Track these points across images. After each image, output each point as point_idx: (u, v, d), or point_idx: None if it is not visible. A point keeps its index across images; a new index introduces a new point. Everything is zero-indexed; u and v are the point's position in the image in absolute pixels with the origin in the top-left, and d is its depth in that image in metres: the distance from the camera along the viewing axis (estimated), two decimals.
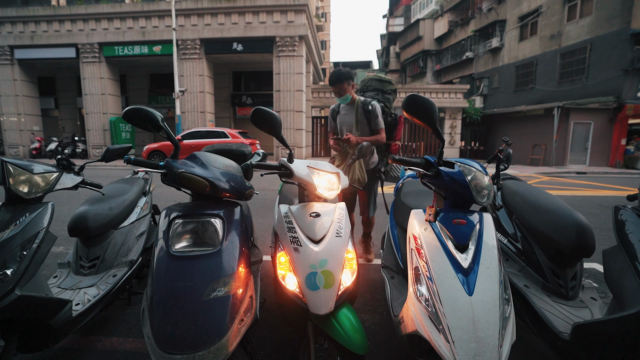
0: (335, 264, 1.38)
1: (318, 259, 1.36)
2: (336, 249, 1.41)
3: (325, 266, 1.35)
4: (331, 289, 1.34)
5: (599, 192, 7.70)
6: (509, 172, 3.41)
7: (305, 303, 1.33)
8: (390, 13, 35.66)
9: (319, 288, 1.32)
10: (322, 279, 1.33)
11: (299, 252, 1.38)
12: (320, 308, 1.31)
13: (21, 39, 14.98)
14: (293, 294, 1.36)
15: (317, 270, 1.34)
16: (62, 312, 1.48)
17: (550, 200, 1.90)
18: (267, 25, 13.73)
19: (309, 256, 1.37)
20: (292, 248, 1.40)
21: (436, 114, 1.35)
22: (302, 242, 1.41)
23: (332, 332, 1.32)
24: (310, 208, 1.54)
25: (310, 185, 1.60)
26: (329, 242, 1.42)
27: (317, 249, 1.39)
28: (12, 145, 15.99)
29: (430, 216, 1.42)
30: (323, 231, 1.45)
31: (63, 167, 1.77)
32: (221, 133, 11.70)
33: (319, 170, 1.62)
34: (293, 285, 1.37)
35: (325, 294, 1.32)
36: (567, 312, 1.60)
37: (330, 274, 1.35)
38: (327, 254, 1.38)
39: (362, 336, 1.32)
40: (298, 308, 1.38)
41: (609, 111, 13.69)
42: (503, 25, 18.87)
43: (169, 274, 1.21)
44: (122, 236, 2.24)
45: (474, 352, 1.08)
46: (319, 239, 1.43)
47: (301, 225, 1.47)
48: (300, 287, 1.34)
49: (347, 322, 1.33)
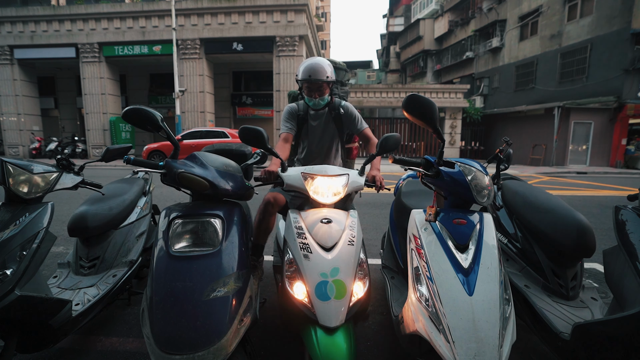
0: (347, 274, 1.30)
1: (329, 268, 1.29)
2: (348, 257, 1.34)
3: (337, 275, 1.28)
4: (343, 299, 1.26)
5: (600, 192, 7.69)
6: (509, 172, 3.41)
7: (314, 314, 1.24)
8: (390, 13, 35.65)
9: (329, 298, 1.25)
10: (333, 288, 1.26)
11: (309, 260, 1.31)
12: (330, 320, 1.23)
13: (21, 38, 14.97)
14: (301, 304, 1.27)
15: (328, 279, 1.27)
16: (62, 312, 1.48)
17: (550, 200, 1.90)
18: (267, 25, 13.73)
19: (319, 264, 1.30)
20: (301, 255, 1.33)
21: (436, 113, 1.35)
22: (312, 249, 1.33)
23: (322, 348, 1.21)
24: (321, 214, 1.46)
25: (305, 192, 1.56)
26: (340, 250, 1.34)
27: (329, 256, 1.32)
28: (12, 145, 16.00)
29: (430, 216, 1.42)
30: (335, 239, 1.37)
31: (63, 167, 1.77)
32: (221, 133, 11.70)
33: (315, 174, 1.55)
34: (302, 294, 1.28)
35: (337, 305, 1.25)
36: (567, 312, 1.60)
37: (342, 284, 1.28)
38: (339, 262, 1.31)
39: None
40: (304, 319, 1.28)
41: (609, 111, 13.68)
42: (503, 25, 18.86)
43: (168, 274, 1.21)
44: (122, 236, 2.24)
45: (474, 352, 1.08)
46: (330, 246, 1.35)
47: (312, 231, 1.39)
48: (310, 297, 1.26)
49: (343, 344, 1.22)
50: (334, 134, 2.19)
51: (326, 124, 2.16)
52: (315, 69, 1.93)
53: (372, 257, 3.33)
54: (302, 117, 2.13)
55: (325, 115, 2.15)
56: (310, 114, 2.15)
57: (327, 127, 2.17)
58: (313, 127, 2.16)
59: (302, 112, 2.13)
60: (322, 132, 2.17)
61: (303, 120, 2.14)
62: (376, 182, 1.73)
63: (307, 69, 1.94)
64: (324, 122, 2.16)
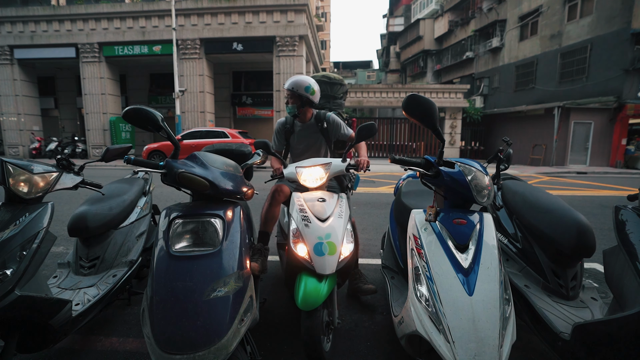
0: (337, 238, 1.71)
1: (324, 233, 1.70)
2: (338, 226, 1.75)
3: (330, 238, 1.69)
4: (334, 256, 1.67)
5: (600, 192, 7.70)
6: (509, 172, 3.41)
7: (313, 265, 1.65)
8: (390, 13, 35.65)
9: (324, 254, 1.66)
10: (327, 247, 1.67)
11: (309, 227, 1.71)
12: (325, 269, 1.65)
13: (21, 38, 14.97)
14: (303, 259, 1.68)
15: (323, 241, 1.68)
16: (62, 312, 1.48)
17: (550, 200, 1.90)
18: (267, 25, 13.73)
19: (317, 230, 1.70)
20: (303, 224, 1.73)
21: (436, 114, 1.35)
22: (311, 220, 1.74)
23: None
24: (317, 194, 1.91)
25: (297, 181, 2.08)
26: (332, 220, 1.77)
27: (324, 225, 1.73)
28: (12, 145, 15.99)
29: (430, 216, 1.42)
30: (328, 213, 1.79)
31: (63, 167, 1.77)
32: (221, 133, 11.70)
33: (305, 167, 2.06)
34: (304, 252, 1.69)
35: (329, 259, 1.66)
36: (567, 312, 1.60)
37: (334, 245, 1.68)
38: (331, 229, 1.72)
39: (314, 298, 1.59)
40: (304, 270, 1.70)
41: (609, 111, 13.68)
42: (503, 25, 18.87)
43: (169, 274, 1.21)
44: (122, 236, 2.24)
45: (474, 352, 1.08)
46: (324, 218, 1.76)
47: (311, 207, 1.81)
48: (310, 254, 1.67)
49: (325, 289, 1.64)
50: (320, 141, 2.52)
51: (313, 134, 2.50)
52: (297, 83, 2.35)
53: (372, 257, 3.33)
54: (289, 129, 2.53)
55: (312, 126, 2.48)
56: (296, 124, 2.52)
57: (314, 137, 2.50)
58: (300, 136, 2.52)
59: (289, 125, 2.52)
60: (308, 141, 2.51)
61: (290, 132, 2.53)
62: (359, 164, 2.09)
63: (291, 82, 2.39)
64: (311, 132, 2.50)
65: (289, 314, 2.26)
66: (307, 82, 2.33)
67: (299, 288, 1.64)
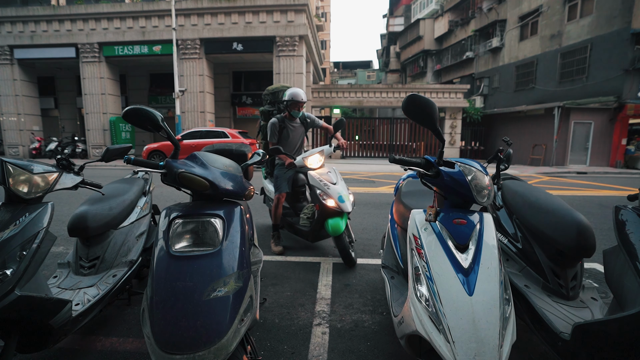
0: (346, 192, 2.96)
1: (340, 190, 2.93)
2: (343, 186, 3.02)
3: (344, 192, 2.94)
4: (348, 201, 2.90)
5: (600, 192, 7.70)
6: (509, 172, 3.42)
7: (340, 208, 2.86)
8: (390, 13, 35.63)
9: (345, 202, 2.88)
10: (344, 197, 2.90)
11: (330, 189, 2.91)
12: (348, 208, 2.88)
13: (21, 38, 14.96)
14: (333, 207, 2.87)
15: (341, 194, 2.90)
16: (62, 312, 1.48)
17: (550, 200, 1.90)
18: (267, 25, 13.72)
19: (335, 190, 2.91)
20: (325, 188, 2.92)
21: (436, 114, 1.35)
22: (330, 184, 2.94)
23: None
24: (325, 169, 3.13)
25: (305, 166, 3.16)
26: (339, 183, 3.01)
27: (338, 187, 2.96)
28: (11, 145, 15.98)
29: (430, 216, 1.42)
30: (335, 179, 3.03)
31: (63, 167, 1.77)
32: (221, 133, 11.69)
33: (308, 156, 3.14)
34: (332, 203, 2.88)
35: (348, 204, 2.89)
36: (567, 312, 1.60)
37: (347, 195, 2.93)
38: (342, 188, 2.98)
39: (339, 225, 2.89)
40: (334, 213, 2.91)
41: (609, 111, 13.68)
42: (503, 25, 18.86)
43: (169, 274, 1.21)
44: (122, 236, 2.24)
45: (474, 352, 1.08)
46: (335, 182, 2.98)
47: (326, 178, 2.99)
48: (337, 203, 2.86)
49: (343, 223, 2.94)
50: (303, 132, 3.58)
51: (299, 127, 3.52)
52: (297, 94, 3.27)
53: (372, 257, 3.33)
54: (282, 126, 3.38)
55: (299, 122, 3.51)
56: (287, 122, 3.40)
57: (300, 129, 3.53)
58: (293, 131, 3.45)
59: (281, 123, 3.37)
60: (297, 133, 3.52)
61: (282, 128, 3.39)
62: (340, 146, 3.43)
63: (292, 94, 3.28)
64: (299, 127, 3.51)
65: (289, 314, 2.26)
66: (300, 90, 3.31)
67: (329, 225, 2.87)
